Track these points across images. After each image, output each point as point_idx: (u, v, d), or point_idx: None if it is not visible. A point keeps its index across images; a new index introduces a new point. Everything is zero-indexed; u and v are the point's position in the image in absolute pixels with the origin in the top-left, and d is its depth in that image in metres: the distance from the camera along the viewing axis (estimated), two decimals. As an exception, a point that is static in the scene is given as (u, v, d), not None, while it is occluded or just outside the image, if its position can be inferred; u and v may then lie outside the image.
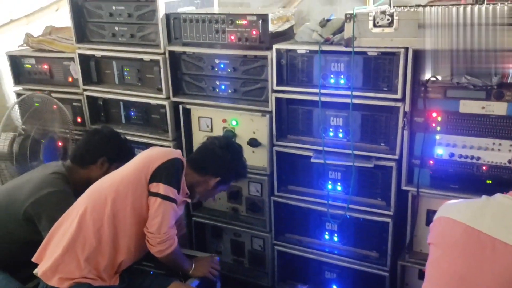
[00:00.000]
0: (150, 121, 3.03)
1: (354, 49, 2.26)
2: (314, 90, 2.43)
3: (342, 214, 2.53)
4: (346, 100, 2.36)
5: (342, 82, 2.39)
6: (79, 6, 2.98)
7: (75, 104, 3.20)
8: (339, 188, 2.58)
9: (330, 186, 2.58)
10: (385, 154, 2.39)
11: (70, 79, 3.20)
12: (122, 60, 2.97)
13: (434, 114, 2.24)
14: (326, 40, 2.38)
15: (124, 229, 2.09)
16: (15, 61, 3.33)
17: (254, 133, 2.69)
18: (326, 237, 2.71)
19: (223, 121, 2.76)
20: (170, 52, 2.76)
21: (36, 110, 2.93)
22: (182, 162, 2.21)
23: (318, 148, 2.51)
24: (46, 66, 3.25)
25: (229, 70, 2.66)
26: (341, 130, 2.48)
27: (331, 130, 2.50)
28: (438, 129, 2.25)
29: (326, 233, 2.71)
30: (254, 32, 2.52)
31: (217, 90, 2.74)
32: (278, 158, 2.65)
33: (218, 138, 2.48)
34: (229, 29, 2.58)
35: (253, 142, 2.68)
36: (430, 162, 2.30)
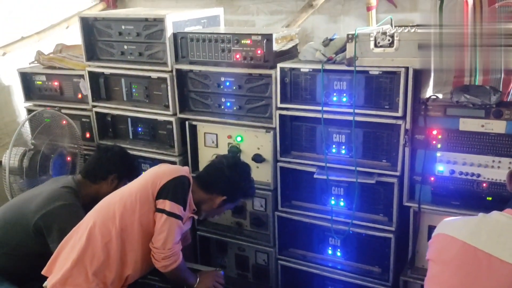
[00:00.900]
0: (157, 136, 3.07)
1: (356, 68, 2.30)
2: (317, 108, 2.47)
3: (346, 229, 2.56)
4: (348, 117, 2.40)
5: (344, 100, 2.43)
6: (90, 26, 3.06)
7: (84, 120, 3.26)
8: (342, 203, 2.61)
9: (333, 202, 2.61)
10: (387, 170, 2.42)
11: (80, 96, 3.27)
12: (131, 77, 3.03)
13: (435, 132, 2.27)
14: (329, 59, 2.43)
15: (131, 243, 2.14)
16: (26, 77, 3.40)
17: (259, 149, 2.73)
18: (329, 252, 2.74)
19: (228, 137, 2.81)
20: (177, 70, 2.82)
21: (46, 126, 2.99)
22: (188, 180, 2.25)
23: (321, 164, 2.54)
24: (56, 83, 3.32)
25: (234, 88, 2.72)
26: (343, 147, 2.52)
27: (334, 146, 2.54)
28: (439, 146, 2.28)
29: (329, 248, 2.73)
30: (259, 51, 2.58)
31: (222, 107, 2.80)
32: (282, 174, 2.68)
33: (226, 157, 2.50)
34: (234, 48, 2.64)
35: (257, 158, 2.72)
36: (431, 178, 2.33)
